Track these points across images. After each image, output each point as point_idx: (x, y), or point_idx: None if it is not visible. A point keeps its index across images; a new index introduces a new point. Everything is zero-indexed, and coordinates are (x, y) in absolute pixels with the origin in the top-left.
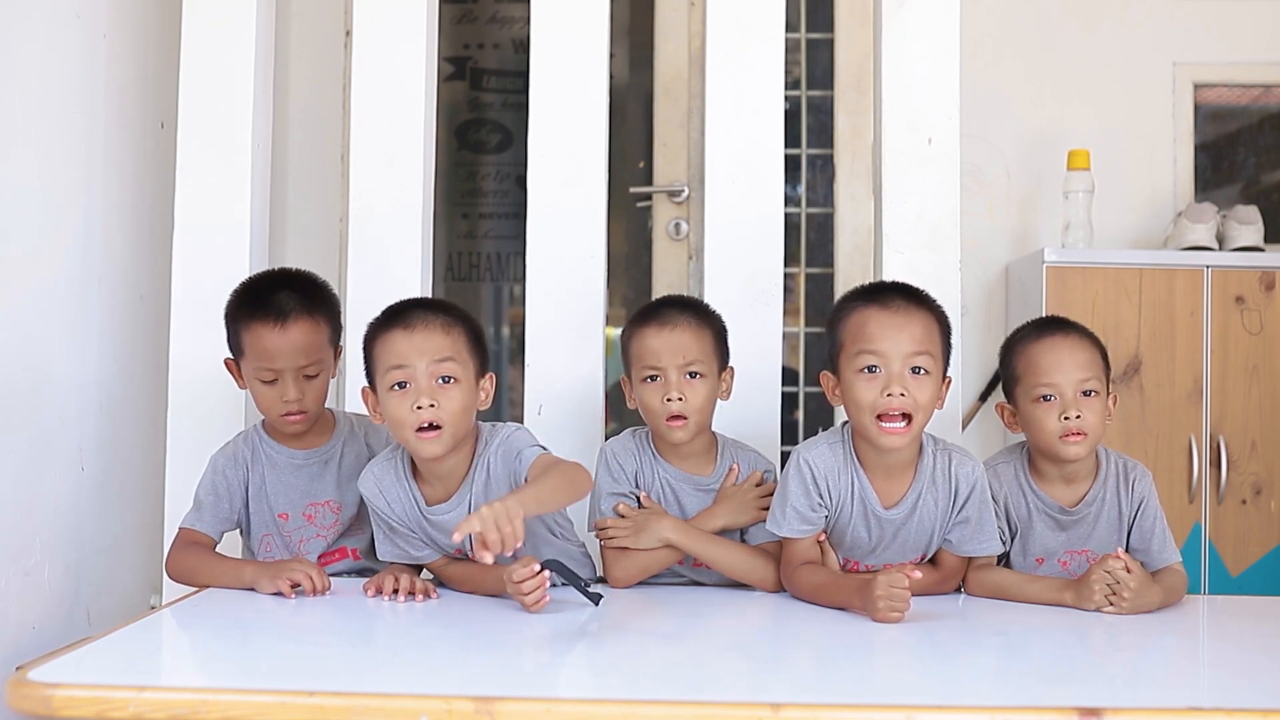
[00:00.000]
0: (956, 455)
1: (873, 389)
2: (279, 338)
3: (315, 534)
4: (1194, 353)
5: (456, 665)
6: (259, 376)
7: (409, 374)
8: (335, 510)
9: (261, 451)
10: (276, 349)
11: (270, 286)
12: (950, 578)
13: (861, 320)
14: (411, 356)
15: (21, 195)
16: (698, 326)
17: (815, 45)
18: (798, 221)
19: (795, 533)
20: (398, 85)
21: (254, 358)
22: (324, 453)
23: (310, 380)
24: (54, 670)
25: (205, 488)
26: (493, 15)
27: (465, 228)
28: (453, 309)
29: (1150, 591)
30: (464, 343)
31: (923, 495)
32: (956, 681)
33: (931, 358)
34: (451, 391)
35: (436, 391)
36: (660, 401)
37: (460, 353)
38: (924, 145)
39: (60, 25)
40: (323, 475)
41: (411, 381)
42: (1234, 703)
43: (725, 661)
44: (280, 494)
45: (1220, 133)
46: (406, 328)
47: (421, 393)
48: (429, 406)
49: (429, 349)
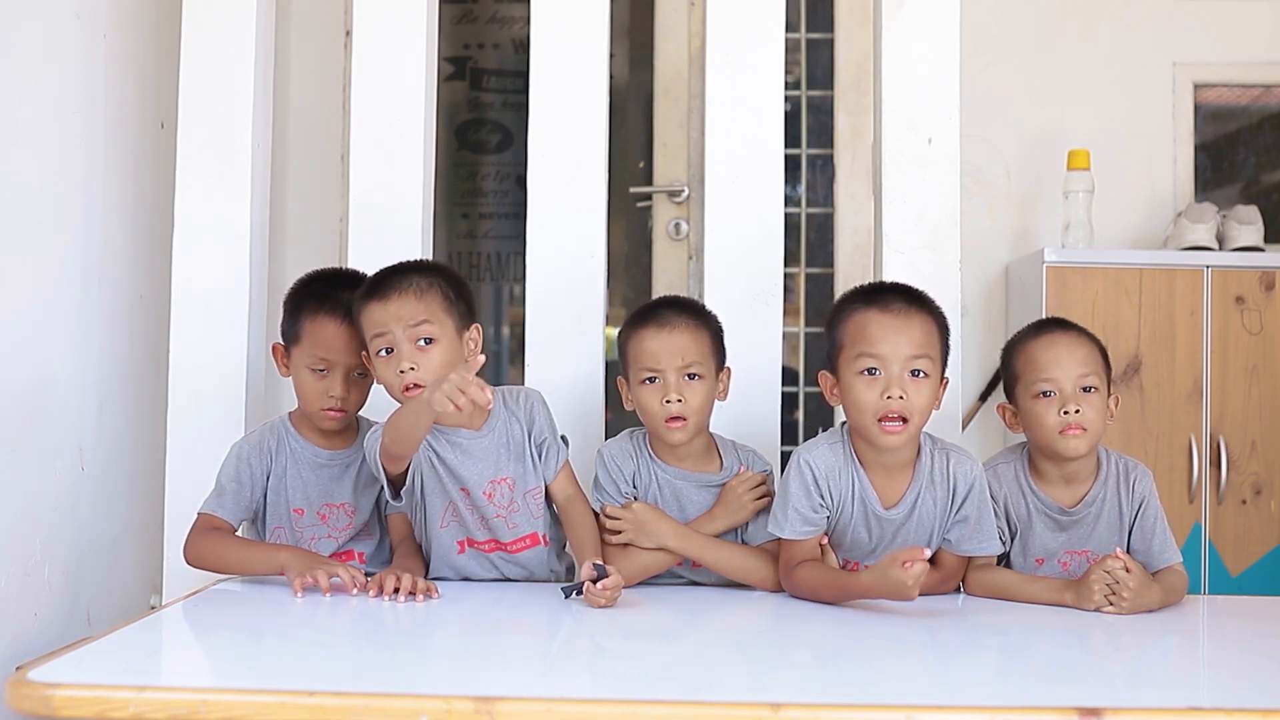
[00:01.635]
0: (954, 454)
1: (873, 391)
2: (338, 332)
3: (327, 534)
4: (1194, 353)
5: (456, 665)
6: (311, 365)
7: (391, 340)
8: (350, 514)
9: (287, 444)
10: (335, 342)
11: (343, 283)
12: (950, 578)
13: (862, 322)
14: (390, 324)
15: (21, 195)
16: (695, 328)
17: (815, 45)
18: (798, 221)
19: (797, 534)
20: (398, 85)
21: (310, 346)
22: (347, 456)
23: (357, 380)
24: (54, 670)
25: (228, 474)
26: (493, 15)
27: (465, 228)
28: (429, 269)
29: (1150, 591)
30: (439, 303)
31: (921, 495)
32: (956, 681)
33: (930, 360)
34: (432, 352)
35: (417, 354)
36: (659, 403)
37: (435, 313)
38: (924, 145)
39: (60, 25)
40: (342, 478)
41: (395, 346)
42: (1234, 703)
43: (725, 661)
44: (298, 490)
45: (1220, 133)
46: (382, 298)
47: (403, 357)
48: (410, 369)
49: (404, 315)
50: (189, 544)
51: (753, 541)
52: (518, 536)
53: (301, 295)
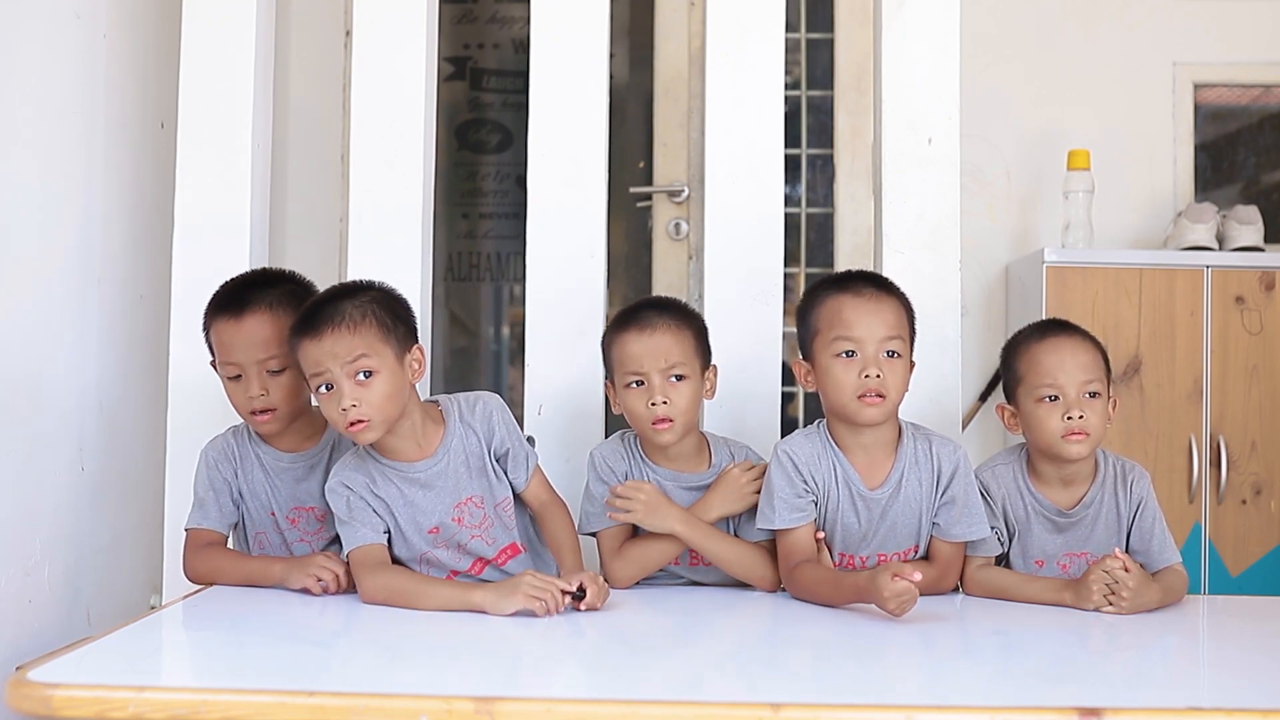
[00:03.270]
0: (935, 439)
1: (851, 372)
2: (236, 331)
3: (299, 538)
4: (1194, 353)
5: (456, 665)
6: (225, 374)
7: (330, 377)
8: (320, 518)
9: (249, 449)
10: (234, 343)
11: (239, 284)
12: (948, 571)
13: (836, 307)
14: (325, 361)
15: (21, 195)
16: (677, 328)
17: (815, 45)
18: (798, 221)
19: (788, 522)
20: (398, 85)
21: (219, 353)
22: (310, 457)
23: (275, 376)
24: (54, 670)
25: (203, 484)
26: (493, 15)
27: (465, 228)
28: (361, 293)
29: (1149, 591)
30: (375, 334)
31: (905, 475)
32: (956, 681)
33: (902, 341)
34: (373, 385)
35: (358, 390)
36: (645, 406)
37: (372, 345)
38: (924, 145)
39: (60, 25)
40: (308, 479)
41: (334, 384)
42: (1234, 703)
43: (725, 661)
44: (266, 494)
45: (1220, 133)
46: (315, 336)
47: (344, 394)
48: (352, 406)
49: (340, 352)
50: (186, 565)
51: (748, 539)
52: (499, 550)
53: (206, 310)
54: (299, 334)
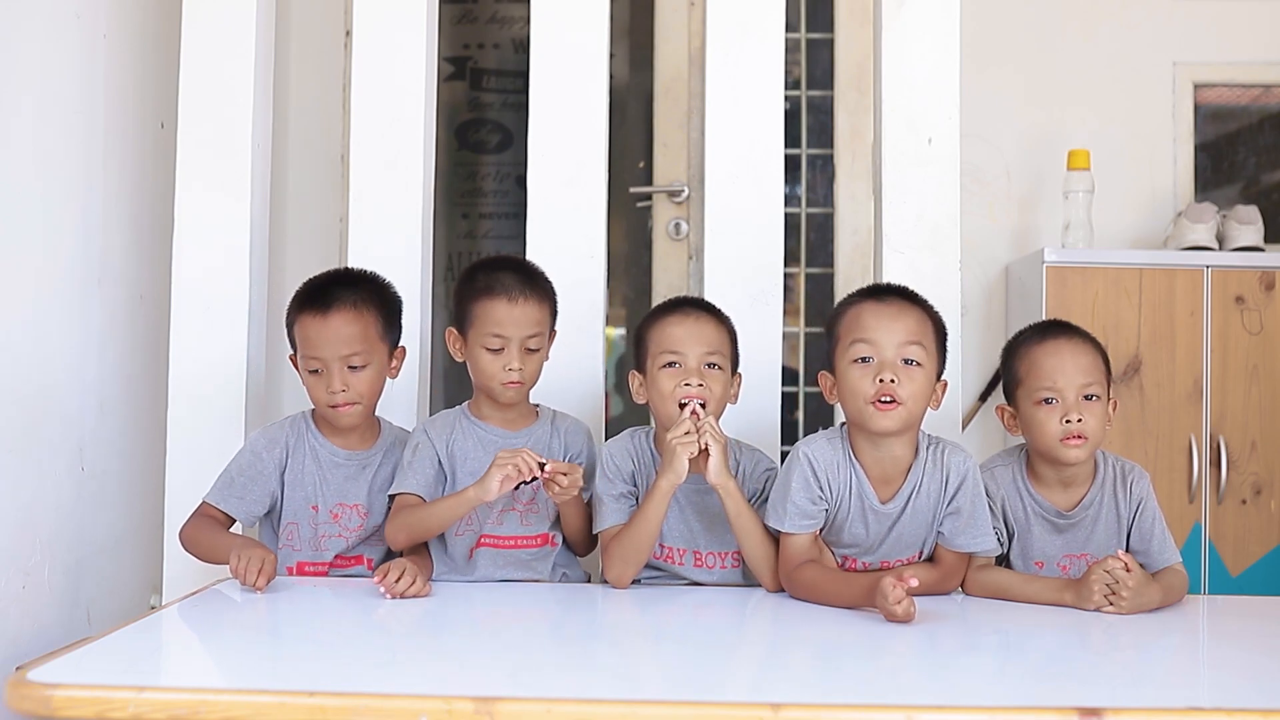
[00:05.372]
0: (949, 446)
1: (866, 376)
2: (321, 328)
3: (338, 533)
4: (1194, 353)
5: (456, 665)
6: (306, 367)
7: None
8: (362, 515)
9: (306, 440)
10: (318, 340)
11: (329, 280)
12: (949, 576)
13: (856, 313)
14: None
15: (22, 195)
16: (717, 324)
17: (815, 45)
18: (798, 221)
19: (796, 528)
20: (398, 85)
21: (302, 348)
22: (364, 457)
23: (355, 371)
24: (54, 670)
25: (238, 466)
26: (493, 15)
27: (465, 228)
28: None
29: (1149, 591)
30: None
31: (917, 490)
32: (956, 681)
33: (924, 350)
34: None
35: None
36: (677, 385)
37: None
38: (924, 145)
39: (60, 25)
40: (358, 479)
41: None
42: (1234, 703)
43: (725, 661)
44: (313, 486)
45: (1220, 133)
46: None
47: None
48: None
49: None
50: (184, 527)
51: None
52: (531, 535)
53: (292, 303)
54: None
